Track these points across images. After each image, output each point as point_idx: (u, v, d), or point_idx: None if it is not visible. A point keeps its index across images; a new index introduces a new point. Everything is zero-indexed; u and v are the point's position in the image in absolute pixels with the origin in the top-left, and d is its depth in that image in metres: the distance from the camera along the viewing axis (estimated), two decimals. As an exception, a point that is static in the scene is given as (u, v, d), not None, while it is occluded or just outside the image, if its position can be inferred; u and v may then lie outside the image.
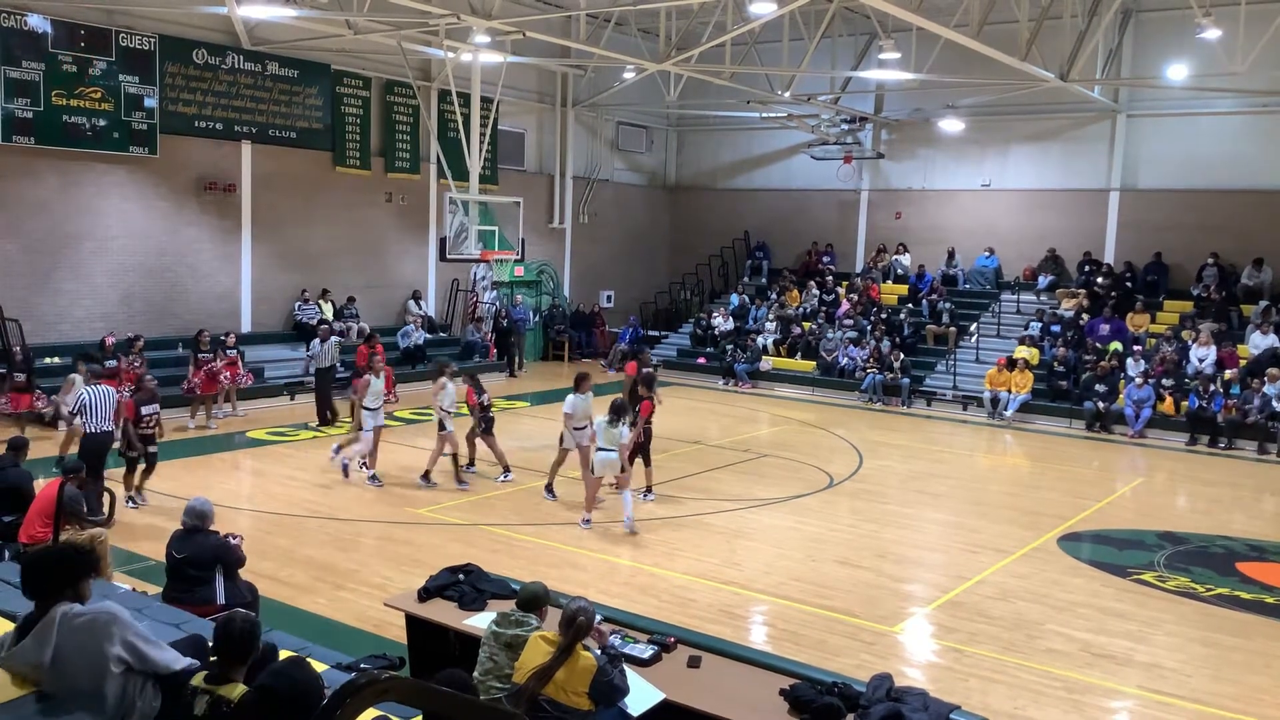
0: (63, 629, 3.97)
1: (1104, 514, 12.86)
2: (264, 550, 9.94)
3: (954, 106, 24.19)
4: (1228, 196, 21.37)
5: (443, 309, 23.58)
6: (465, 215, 17.98)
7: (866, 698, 5.22)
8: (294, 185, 20.19)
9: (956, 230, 24.86)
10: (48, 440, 14.06)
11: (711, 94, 25.18)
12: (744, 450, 15.88)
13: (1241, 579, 10.29)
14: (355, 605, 8.74)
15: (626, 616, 6.65)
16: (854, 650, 8.15)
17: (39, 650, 3.96)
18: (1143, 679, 7.85)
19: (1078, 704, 7.35)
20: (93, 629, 3.99)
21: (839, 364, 22.11)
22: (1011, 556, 10.81)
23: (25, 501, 8.47)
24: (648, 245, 28.77)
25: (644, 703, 5.24)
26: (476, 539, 10.75)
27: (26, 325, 16.36)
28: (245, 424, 16.60)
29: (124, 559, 9.33)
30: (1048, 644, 8.40)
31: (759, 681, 5.54)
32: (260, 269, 19.88)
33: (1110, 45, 21.62)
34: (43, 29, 16.35)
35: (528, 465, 14.39)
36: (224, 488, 12.76)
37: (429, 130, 21.84)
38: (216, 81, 18.67)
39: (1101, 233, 23.13)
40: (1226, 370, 18.68)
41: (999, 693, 7.43)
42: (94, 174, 17.38)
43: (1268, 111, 20.78)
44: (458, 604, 6.55)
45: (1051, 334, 21.24)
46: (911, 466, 15.41)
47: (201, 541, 7.13)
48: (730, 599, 9.26)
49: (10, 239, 16.55)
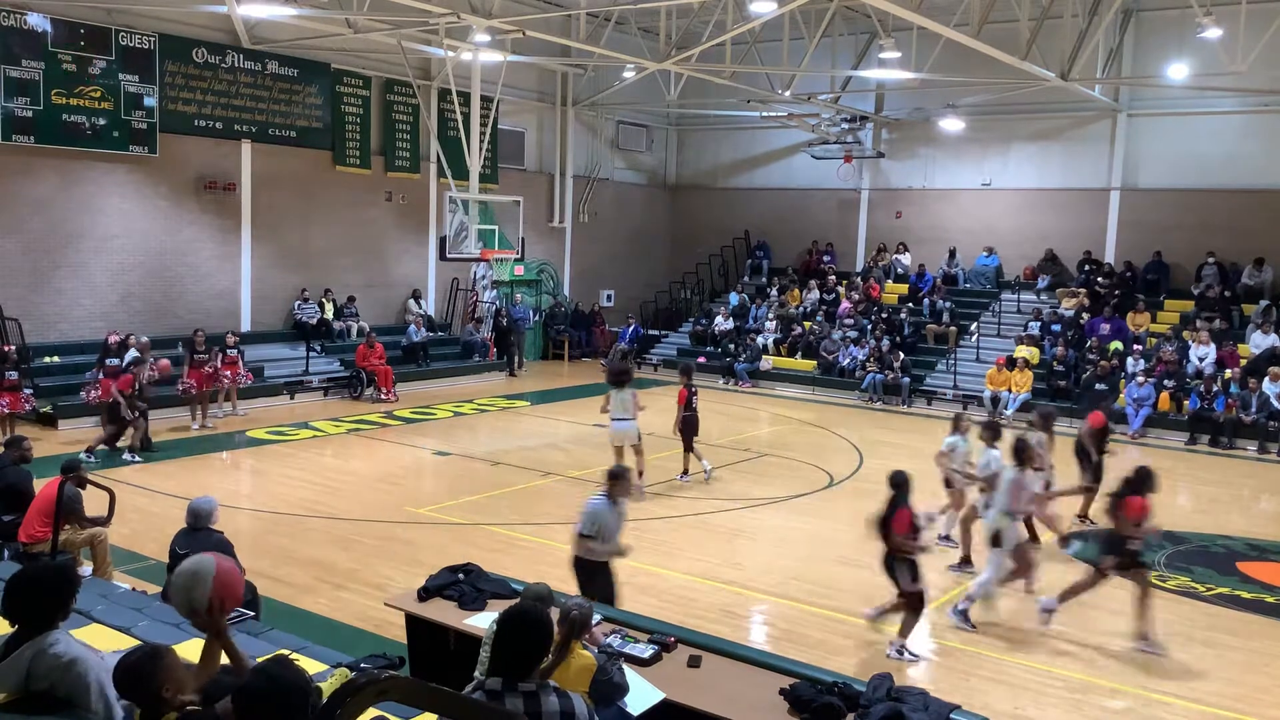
0: (35, 666, 3.88)
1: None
2: (264, 550, 9.95)
3: (954, 106, 24.16)
4: (1228, 196, 21.35)
5: (442, 308, 23.57)
6: (465, 214, 17.99)
7: (867, 697, 5.22)
8: (294, 184, 20.18)
9: (957, 229, 24.85)
10: (39, 441, 14.00)
11: (712, 93, 25.16)
12: (744, 450, 15.87)
13: (1242, 578, 10.28)
14: (355, 605, 8.73)
15: (626, 616, 6.65)
16: (854, 650, 8.16)
17: (8, 683, 3.90)
18: (1143, 679, 7.84)
19: (1078, 704, 7.34)
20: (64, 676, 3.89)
21: (839, 363, 22.10)
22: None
23: (25, 501, 8.45)
24: (648, 244, 28.76)
25: (644, 702, 5.23)
26: (477, 538, 10.74)
27: (26, 324, 16.36)
28: (245, 423, 16.59)
29: (124, 559, 9.32)
30: (1049, 643, 8.40)
31: (759, 681, 5.54)
32: (260, 268, 19.87)
33: (1111, 44, 21.60)
34: (42, 28, 16.34)
35: (527, 465, 14.40)
36: (224, 487, 12.75)
37: (429, 129, 21.83)
38: (216, 80, 18.65)
39: (1102, 232, 23.12)
40: (1227, 370, 18.67)
41: (999, 692, 7.43)
42: (94, 173, 17.37)
43: (1268, 111, 20.75)
44: (458, 604, 6.55)
45: (1051, 333, 21.23)
46: (912, 466, 15.32)
47: (203, 540, 7.06)
48: (730, 598, 9.26)
49: (10, 238, 16.53)
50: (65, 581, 4.16)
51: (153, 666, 3.61)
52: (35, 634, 3.93)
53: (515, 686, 3.80)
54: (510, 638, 3.89)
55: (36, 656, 3.86)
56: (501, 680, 3.83)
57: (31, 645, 3.89)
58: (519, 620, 3.92)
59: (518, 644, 3.88)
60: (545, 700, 3.83)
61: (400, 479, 13.54)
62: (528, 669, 3.87)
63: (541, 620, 3.99)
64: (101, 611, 5.91)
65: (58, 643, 3.93)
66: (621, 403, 12.11)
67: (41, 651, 3.87)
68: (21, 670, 3.86)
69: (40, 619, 3.96)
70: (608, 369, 13.03)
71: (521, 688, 3.81)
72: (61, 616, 4.06)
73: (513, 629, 3.90)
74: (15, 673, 3.88)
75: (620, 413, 12.07)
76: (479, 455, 14.95)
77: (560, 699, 3.89)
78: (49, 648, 3.89)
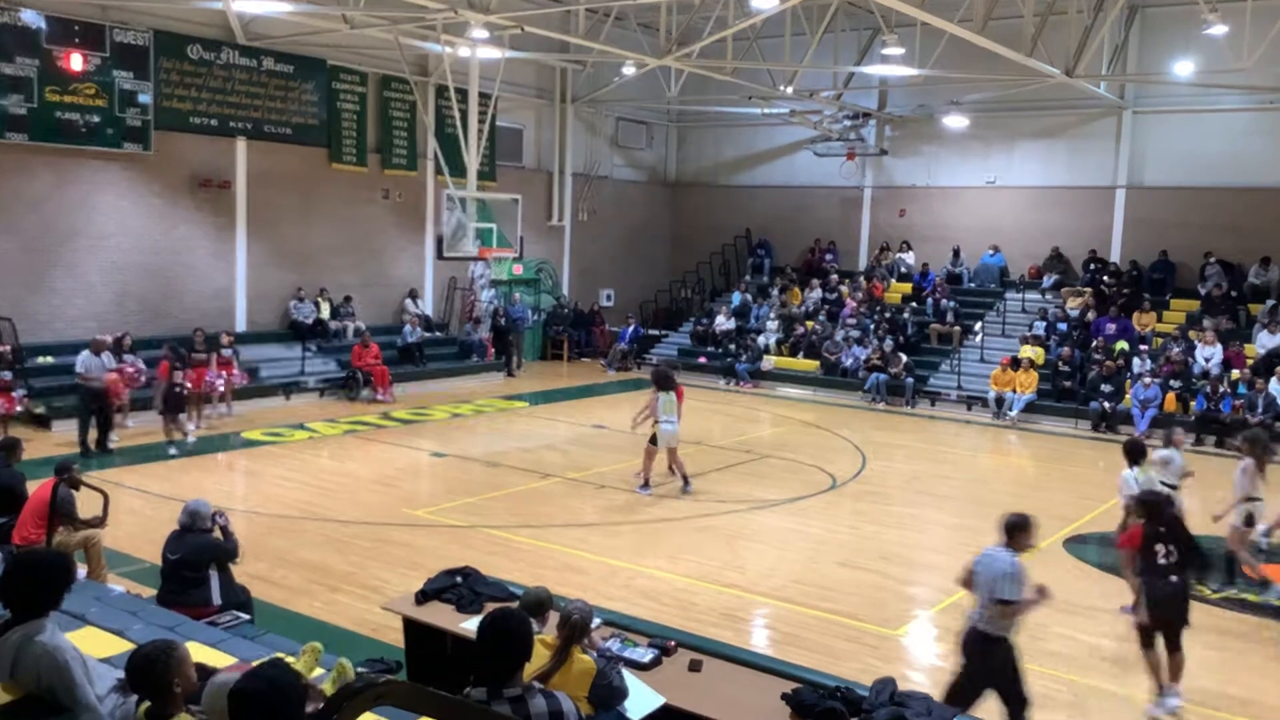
0: (22, 654, 3.96)
1: (1110, 515, 12.58)
2: (259, 552, 9.78)
3: (958, 103, 24.00)
4: (1234, 194, 21.21)
5: (440, 308, 23.42)
6: (463, 212, 17.86)
7: (870, 702, 5.19)
8: (290, 182, 20.03)
9: (961, 228, 24.70)
10: (31, 442, 13.87)
11: (712, 90, 25.02)
12: (746, 451, 15.74)
13: (1247, 581, 10.12)
14: (352, 608, 8.62)
15: (627, 620, 6.65)
16: (857, 654, 8.04)
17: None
18: (1147, 682, 7.69)
19: (1082, 707, 7.25)
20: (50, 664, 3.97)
21: (842, 364, 21.95)
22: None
23: (18, 502, 8.37)
24: (648, 243, 28.62)
25: (644, 707, 5.19)
26: (474, 541, 10.62)
27: (20, 324, 16.20)
28: (240, 424, 16.44)
29: (118, 561, 9.18)
30: (1052, 646, 8.26)
31: (761, 686, 5.50)
32: (255, 267, 19.71)
33: (1116, 41, 21.46)
34: (36, 24, 16.18)
35: (525, 467, 14.26)
36: (218, 489, 12.61)
37: (426, 126, 21.67)
38: (211, 77, 18.49)
39: (1107, 230, 22.97)
40: (1234, 370, 18.50)
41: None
42: (88, 171, 17.22)
43: (1275, 108, 20.62)
44: (455, 607, 6.49)
45: (1057, 333, 21.08)
46: (915, 467, 15.26)
47: (193, 541, 7.10)
48: (732, 602, 9.15)
49: (3, 237, 16.38)
50: (61, 570, 4.30)
51: (167, 659, 3.70)
52: (25, 620, 4.02)
53: (500, 694, 3.80)
54: (490, 645, 3.87)
55: (24, 643, 3.96)
56: (486, 689, 3.82)
57: (21, 630, 3.99)
58: (498, 626, 3.90)
59: (498, 651, 3.87)
60: (532, 703, 3.84)
61: (397, 480, 13.40)
62: (511, 675, 3.87)
63: (520, 625, 3.96)
64: (95, 614, 5.90)
65: (45, 630, 4.04)
66: (669, 405, 12.53)
67: (29, 638, 3.97)
68: (8, 656, 3.95)
69: (33, 606, 4.06)
70: (653, 373, 13.29)
71: (507, 694, 3.81)
72: (53, 605, 4.15)
73: (492, 636, 3.88)
74: (3, 657, 3.96)
75: (668, 415, 12.51)
76: (476, 456, 14.82)
77: (547, 699, 3.91)
78: (37, 634, 4.00)
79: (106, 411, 14.36)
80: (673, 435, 12.65)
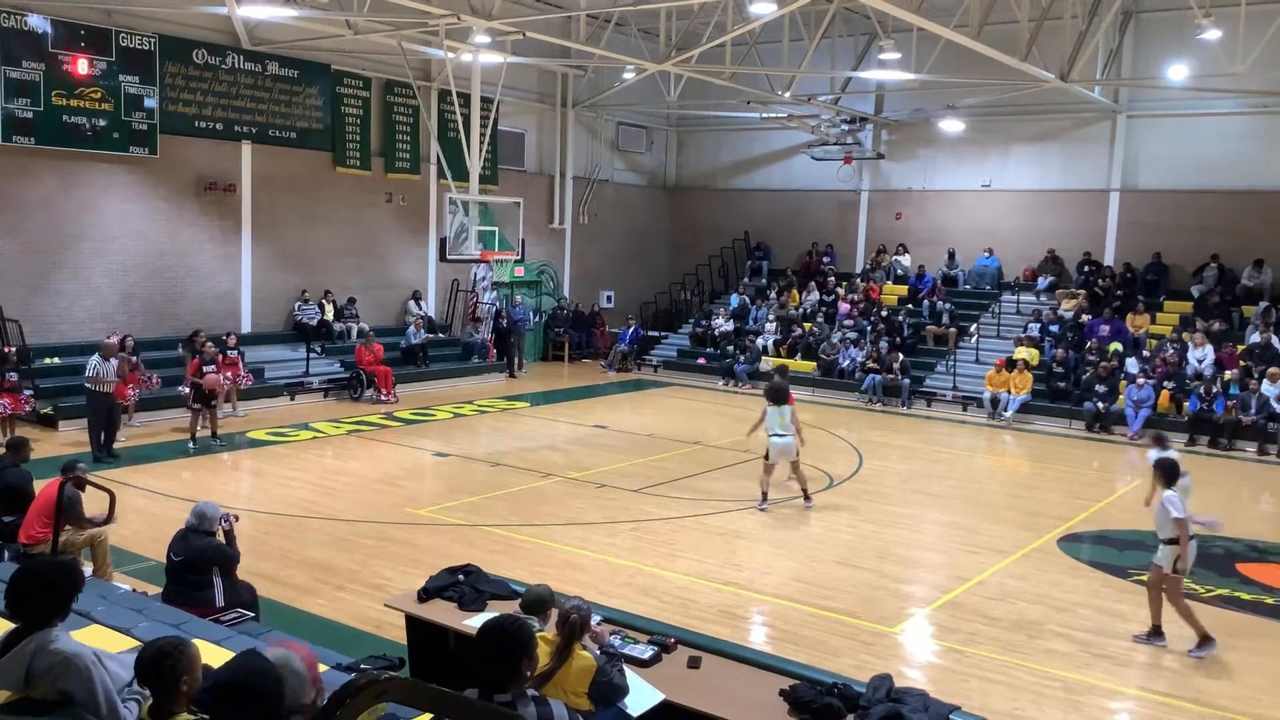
0: (36, 662, 3.89)
1: (1104, 514, 12.85)
2: (264, 551, 9.95)
3: (954, 107, 24.18)
4: (1228, 197, 21.36)
5: (443, 309, 23.57)
6: (465, 215, 17.97)
7: (866, 698, 5.22)
8: (294, 185, 20.18)
9: (956, 231, 24.85)
10: (39, 442, 14.04)
11: (712, 94, 25.17)
12: (744, 451, 15.83)
13: (1241, 580, 10.27)
14: (355, 606, 8.72)
15: (626, 617, 6.65)
16: (854, 651, 8.14)
17: (9, 679, 3.90)
18: (1142, 679, 7.86)
19: (1077, 704, 7.34)
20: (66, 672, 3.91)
21: (839, 365, 22.10)
22: (1011, 557, 10.80)
23: (25, 502, 8.43)
24: (648, 246, 28.76)
25: (644, 703, 5.22)
26: (477, 539, 10.74)
27: (26, 326, 16.35)
28: (245, 424, 16.59)
29: (125, 559, 9.32)
30: (1047, 644, 8.39)
31: (759, 682, 5.53)
32: (260, 269, 19.87)
33: (1110, 46, 21.62)
34: (43, 29, 16.34)
35: (527, 466, 14.40)
36: (224, 488, 12.75)
37: (429, 130, 21.83)
38: (216, 81, 18.65)
39: (1101, 233, 23.13)
40: (1227, 371, 18.66)
41: (999, 693, 7.42)
42: (94, 174, 17.37)
43: (1268, 112, 20.77)
44: (458, 605, 6.54)
45: (1051, 334, 21.23)
46: (911, 467, 15.41)
47: (195, 544, 7.08)
48: (730, 599, 9.25)
49: (10, 239, 16.53)
50: (69, 579, 4.18)
51: (177, 655, 3.66)
52: (35, 630, 3.93)
53: (490, 699, 3.79)
54: (486, 652, 3.87)
55: (38, 653, 3.87)
56: (478, 692, 3.81)
57: (33, 640, 3.90)
58: (495, 634, 3.91)
59: (493, 657, 3.87)
60: (524, 710, 3.82)
61: (400, 480, 13.53)
62: (505, 680, 3.86)
63: (515, 629, 3.95)
64: (102, 613, 5.89)
65: (58, 639, 3.95)
66: (781, 419, 12.39)
67: (42, 648, 3.88)
68: (23, 666, 3.87)
69: (42, 616, 3.97)
70: (767, 389, 13.08)
71: (497, 699, 3.79)
72: (61, 615, 4.06)
73: (489, 643, 3.88)
74: (17, 668, 3.88)
75: (779, 429, 12.35)
76: (479, 456, 14.95)
77: (539, 706, 3.89)
78: (50, 644, 3.90)
79: (114, 416, 14.36)
80: (787, 448, 12.43)
